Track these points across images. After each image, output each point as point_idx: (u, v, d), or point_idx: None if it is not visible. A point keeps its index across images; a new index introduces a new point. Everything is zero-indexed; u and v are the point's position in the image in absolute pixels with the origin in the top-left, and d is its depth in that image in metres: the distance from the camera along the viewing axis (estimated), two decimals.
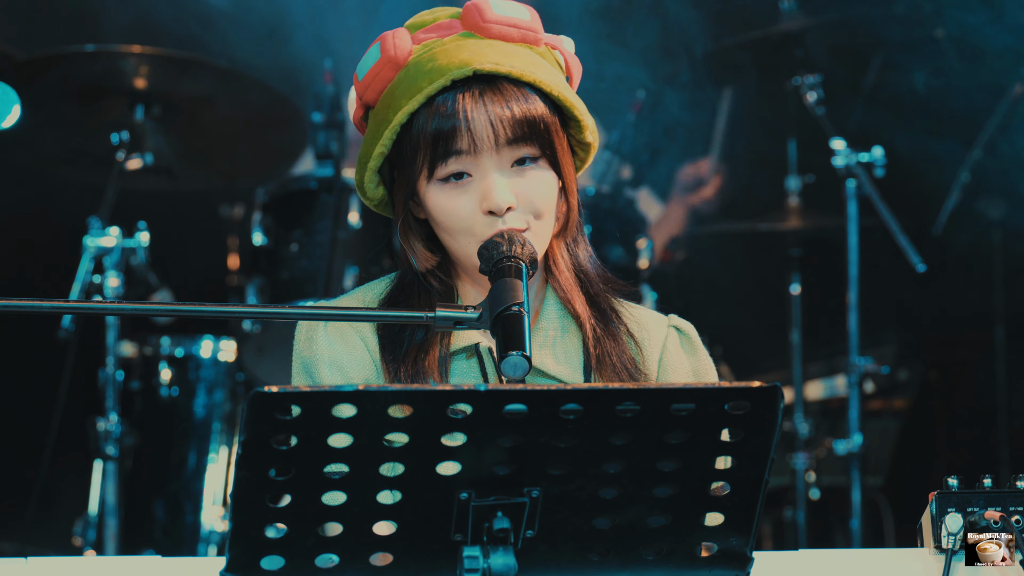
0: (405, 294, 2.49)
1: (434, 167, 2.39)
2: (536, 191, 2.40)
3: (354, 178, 2.51)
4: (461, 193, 2.39)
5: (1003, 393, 5.75)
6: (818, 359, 5.82)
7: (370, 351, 2.45)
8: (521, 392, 1.76)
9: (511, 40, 2.43)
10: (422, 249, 2.47)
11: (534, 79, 2.39)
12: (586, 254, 2.53)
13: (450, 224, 2.40)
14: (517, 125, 2.37)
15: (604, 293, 2.52)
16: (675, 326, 2.57)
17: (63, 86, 4.68)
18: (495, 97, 2.38)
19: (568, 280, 2.49)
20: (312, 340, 2.46)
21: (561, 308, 2.50)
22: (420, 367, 2.42)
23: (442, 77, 2.37)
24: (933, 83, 5.42)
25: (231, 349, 4.80)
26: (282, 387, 1.73)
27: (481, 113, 2.37)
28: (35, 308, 2.06)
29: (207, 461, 4.72)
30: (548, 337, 2.48)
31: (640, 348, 2.50)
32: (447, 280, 2.48)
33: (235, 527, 1.80)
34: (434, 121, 2.37)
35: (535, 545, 1.84)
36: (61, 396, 4.62)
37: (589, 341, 2.46)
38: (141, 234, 4.37)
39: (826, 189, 5.36)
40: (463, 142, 2.37)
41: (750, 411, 1.80)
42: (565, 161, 2.44)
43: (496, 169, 2.38)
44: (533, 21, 2.45)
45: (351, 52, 4.73)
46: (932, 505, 2.10)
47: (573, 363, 2.46)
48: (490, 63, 2.37)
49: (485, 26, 2.42)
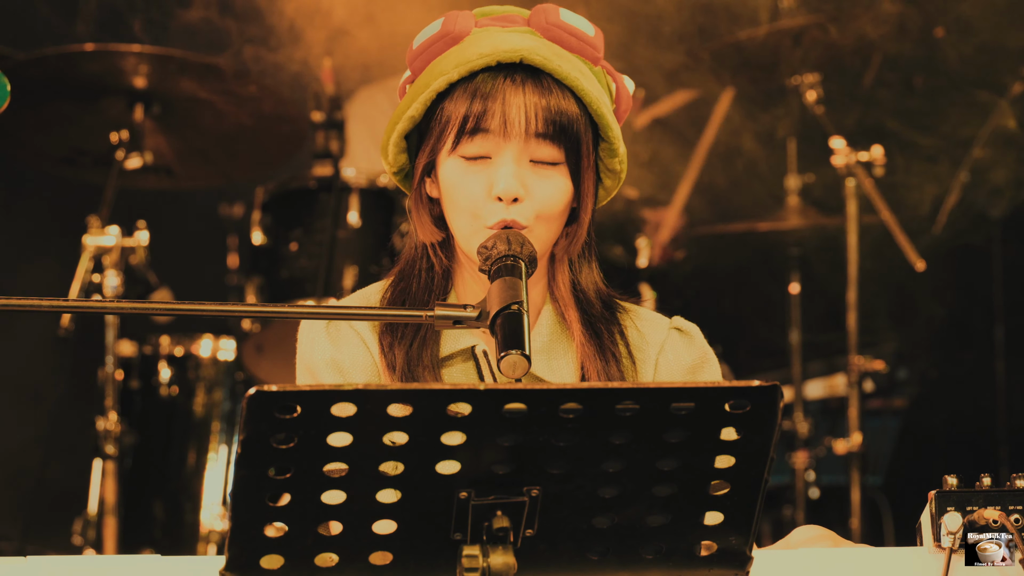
0: (405, 284, 2.50)
1: (459, 141, 2.40)
2: (546, 192, 2.40)
3: (382, 141, 2.53)
4: (476, 173, 2.41)
5: (1002, 392, 5.75)
6: (818, 358, 5.83)
7: (371, 351, 2.46)
8: (520, 391, 1.76)
9: (569, 48, 2.46)
10: (428, 222, 2.49)
11: (577, 84, 2.41)
12: (590, 277, 2.54)
13: (457, 201, 2.41)
14: (549, 119, 2.39)
15: (604, 310, 2.53)
16: (676, 327, 2.58)
17: (63, 86, 4.68)
18: (536, 87, 2.40)
19: (565, 297, 2.51)
20: (313, 343, 2.47)
21: (558, 320, 2.51)
22: (417, 368, 2.43)
23: (491, 55, 2.40)
24: (932, 82, 5.42)
25: (230, 348, 4.80)
26: (281, 386, 1.73)
27: (518, 98, 2.39)
28: (35, 308, 2.06)
29: (206, 460, 4.73)
30: (543, 344, 2.49)
31: (635, 365, 2.51)
32: (446, 262, 2.49)
33: (234, 526, 1.80)
34: (471, 96, 2.39)
35: (534, 544, 1.84)
36: (60, 395, 4.62)
37: (579, 358, 2.48)
38: (141, 233, 4.37)
39: (826, 188, 5.37)
40: (494, 122, 2.38)
41: (750, 410, 1.80)
42: (585, 176, 2.44)
43: (515, 159, 2.39)
44: (597, 39, 2.48)
45: (351, 52, 4.73)
46: (931, 504, 2.10)
47: (565, 374, 2.48)
48: (540, 56, 2.40)
49: (548, 27, 2.45)
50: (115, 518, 4.43)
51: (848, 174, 4.97)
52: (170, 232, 4.89)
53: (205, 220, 5.71)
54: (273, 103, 4.76)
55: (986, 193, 5.53)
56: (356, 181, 4.65)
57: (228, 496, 4.63)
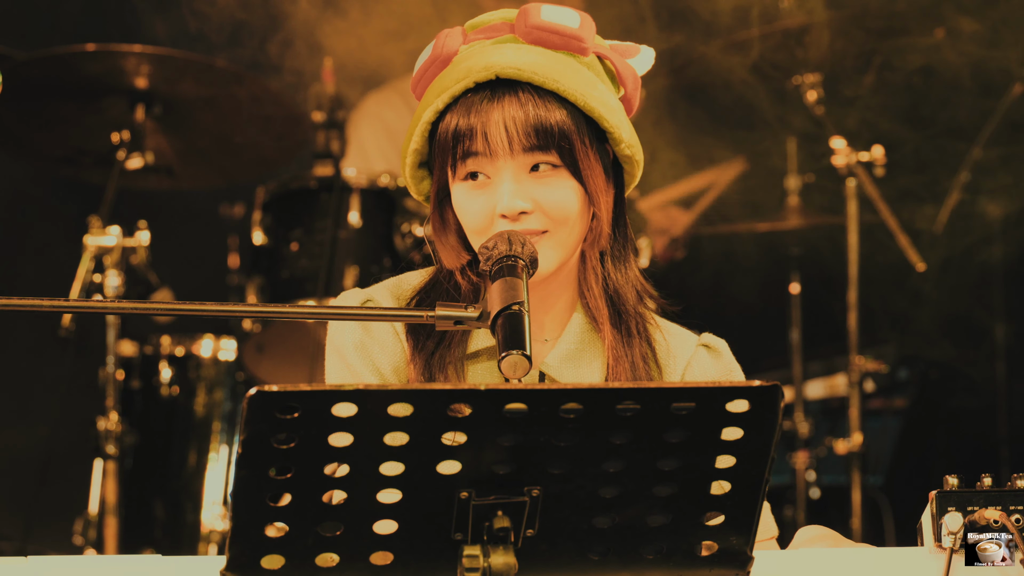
0: (436, 290, 2.50)
1: (456, 166, 2.40)
2: (552, 198, 2.39)
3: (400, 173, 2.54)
4: (479, 194, 2.41)
5: (1003, 392, 5.75)
6: (818, 358, 5.82)
7: (400, 338, 2.47)
8: (521, 391, 1.76)
9: (553, 47, 2.43)
10: (451, 247, 2.48)
11: (556, 87, 2.38)
12: (624, 272, 2.52)
13: (467, 223, 2.42)
14: (531, 131, 2.37)
15: (637, 315, 2.52)
16: (704, 344, 2.58)
17: (63, 86, 4.68)
18: (512, 101, 2.38)
19: (596, 298, 2.50)
20: (343, 325, 2.48)
21: (588, 323, 2.50)
22: (442, 362, 2.44)
23: (466, 79, 2.39)
24: (933, 82, 5.42)
25: (231, 348, 4.80)
26: (282, 386, 1.73)
27: (497, 115, 2.38)
28: (35, 308, 2.06)
29: (207, 460, 4.73)
30: (569, 350, 2.49)
31: (662, 376, 2.51)
32: (476, 279, 2.49)
33: (235, 526, 1.80)
34: (456, 121, 2.39)
35: (535, 544, 1.84)
36: (61, 395, 4.62)
37: (608, 362, 2.47)
38: (142, 233, 4.37)
39: (826, 188, 5.36)
40: (478, 143, 2.38)
41: (750, 410, 1.80)
42: (589, 172, 2.42)
43: (512, 173, 2.38)
44: (582, 30, 2.44)
45: (351, 52, 4.73)
46: (932, 504, 2.10)
47: (592, 380, 2.47)
48: (512, 68, 2.38)
49: (528, 31, 2.43)
50: (116, 518, 4.43)
51: (849, 174, 4.96)
52: (171, 232, 4.89)
53: (206, 220, 5.71)
54: (274, 103, 4.76)
55: (987, 193, 5.53)
56: (357, 181, 4.65)
57: (229, 496, 4.63)
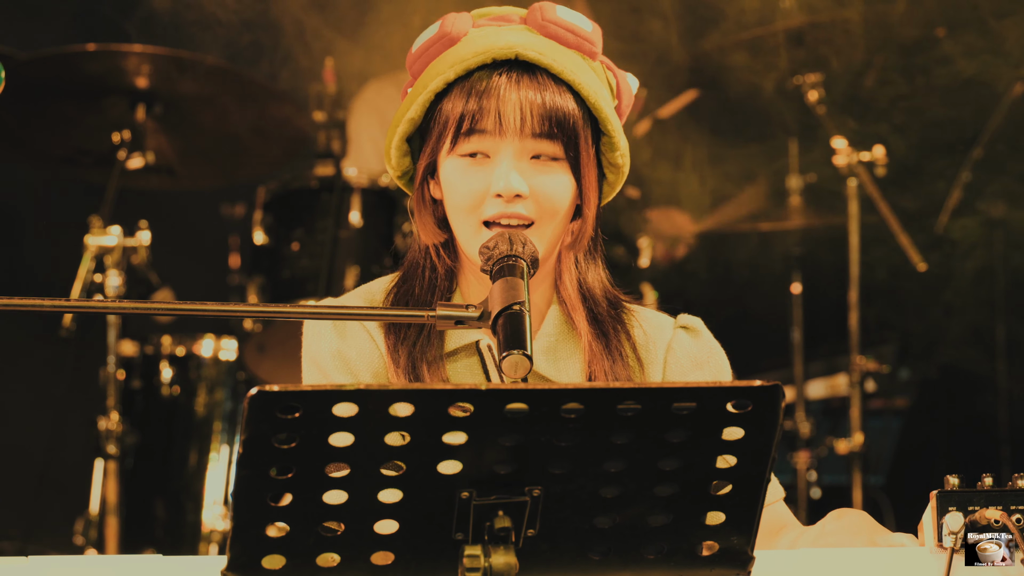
0: (408, 285, 2.50)
1: (456, 141, 2.40)
2: (548, 188, 2.40)
3: (384, 145, 2.53)
4: (476, 171, 2.41)
5: (1004, 392, 5.75)
6: (819, 358, 5.82)
7: (377, 344, 2.46)
8: (522, 391, 1.76)
9: (566, 44, 2.45)
10: (431, 223, 2.48)
11: (574, 79, 2.40)
12: (596, 276, 2.53)
13: (458, 200, 2.41)
14: (545, 116, 2.38)
15: (610, 307, 2.53)
16: (682, 325, 2.58)
17: (64, 85, 4.68)
18: (531, 84, 2.39)
19: (572, 296, 2.51)
20: (319, 335, 2.48)
21: (565, 320, 2.51)
22: (421, 363, 2.44)
23: (485, 53, 2.39)
24: (933, 81, 5.42)
25: (232, 348, 4.80)
26: (283, 386, 1.73)
27: (514, 95, 2.38)
28: (36, 307, 2.06)
29: (208, 460, 4.73)
30: (549, 343, 2.49)
31: (642, 365, 2.51)
32: (450, 263, 2.49)
33: (236, 526, 1.80)
34: (467, 95, 2.39)
35: (536, 544, 1.84)
36: (62, 395, 4.62)
37: (586, 358, 2.48)
38: (142, 233, 4.38)
39: (827, 188, 5.36)
40: (489, 121, 2.38)
41: (751, 410, 1.79)
42: (587, 172, 2.43)
43: (515, 156, 2.39)
44: (594, 35, 2.47)
45: (351, 52, 4.73)
46: (933, 504, 2.10)
47: (572, 374, 2.48)
48: (535, 52, 2.40)
49: (544, 24, 2.44)
50: (117, 518, 4.43)
51: (850, 174, 4.96)
52: (172, 232, 4.89)
53: (207, 220, 5.71)
54: (274, 103, 4.76)
55: (987, 193, 5.53)
56: (358, 181, 4.65)
57: (230, 496, 4.63)
